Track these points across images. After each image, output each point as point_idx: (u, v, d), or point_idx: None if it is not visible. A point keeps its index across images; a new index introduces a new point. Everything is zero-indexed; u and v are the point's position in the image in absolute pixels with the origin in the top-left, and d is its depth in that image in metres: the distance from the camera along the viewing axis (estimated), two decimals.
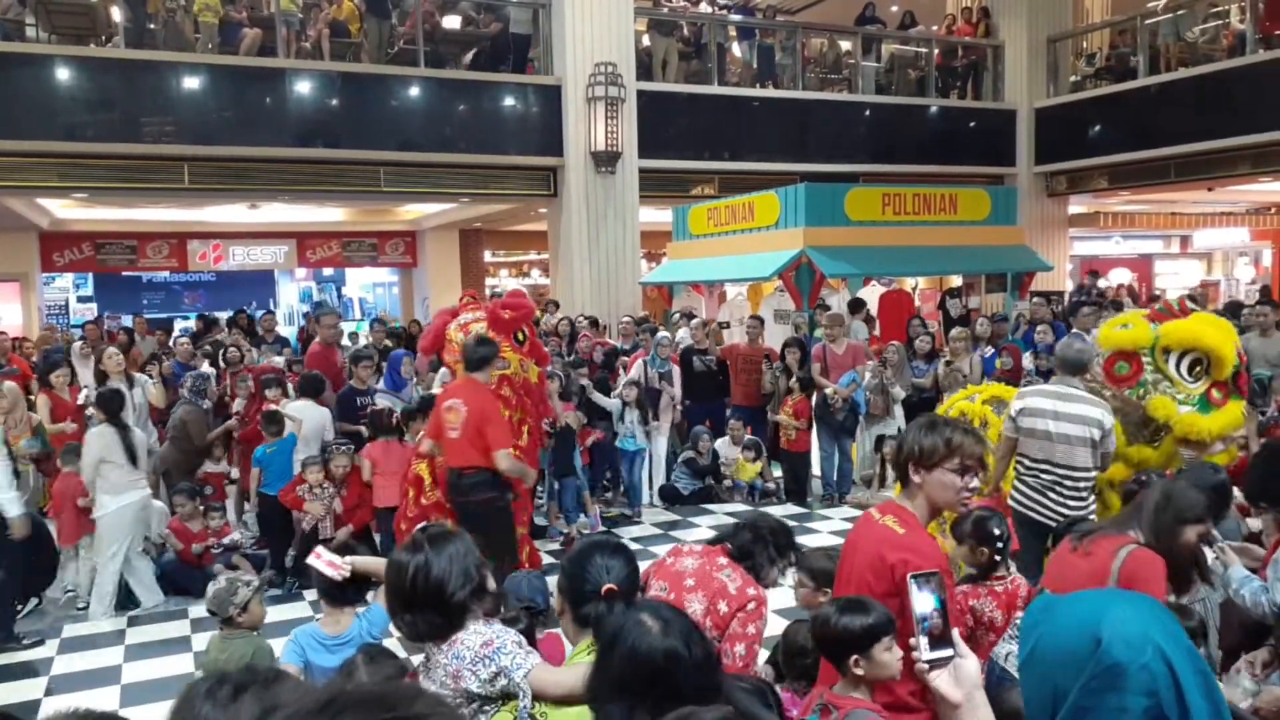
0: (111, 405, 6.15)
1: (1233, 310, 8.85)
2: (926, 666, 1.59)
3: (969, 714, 1.54)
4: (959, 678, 1.55)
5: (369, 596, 3.47)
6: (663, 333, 9.35)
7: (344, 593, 3.30)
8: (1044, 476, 4.57)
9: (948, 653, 1.58)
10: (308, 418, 7.10)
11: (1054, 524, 4.28)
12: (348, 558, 3.26)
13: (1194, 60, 13.16)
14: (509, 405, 5.96)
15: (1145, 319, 4.95)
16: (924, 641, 1.60)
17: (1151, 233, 20.59)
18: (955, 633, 1.62)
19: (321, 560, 3.37)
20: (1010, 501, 4.74)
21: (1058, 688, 1.33)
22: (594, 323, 10.22)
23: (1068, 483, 4.52)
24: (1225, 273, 21.63)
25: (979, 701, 1.54)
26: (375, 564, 3.34)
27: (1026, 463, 4.69)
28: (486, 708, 2.27)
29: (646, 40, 13.18)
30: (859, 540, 2.57)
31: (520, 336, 6.10)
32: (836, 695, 2.34)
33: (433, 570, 2.33)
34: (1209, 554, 3.72)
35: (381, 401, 7.53)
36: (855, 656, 2.27)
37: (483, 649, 2.27)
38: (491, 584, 2.47)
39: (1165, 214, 18.90)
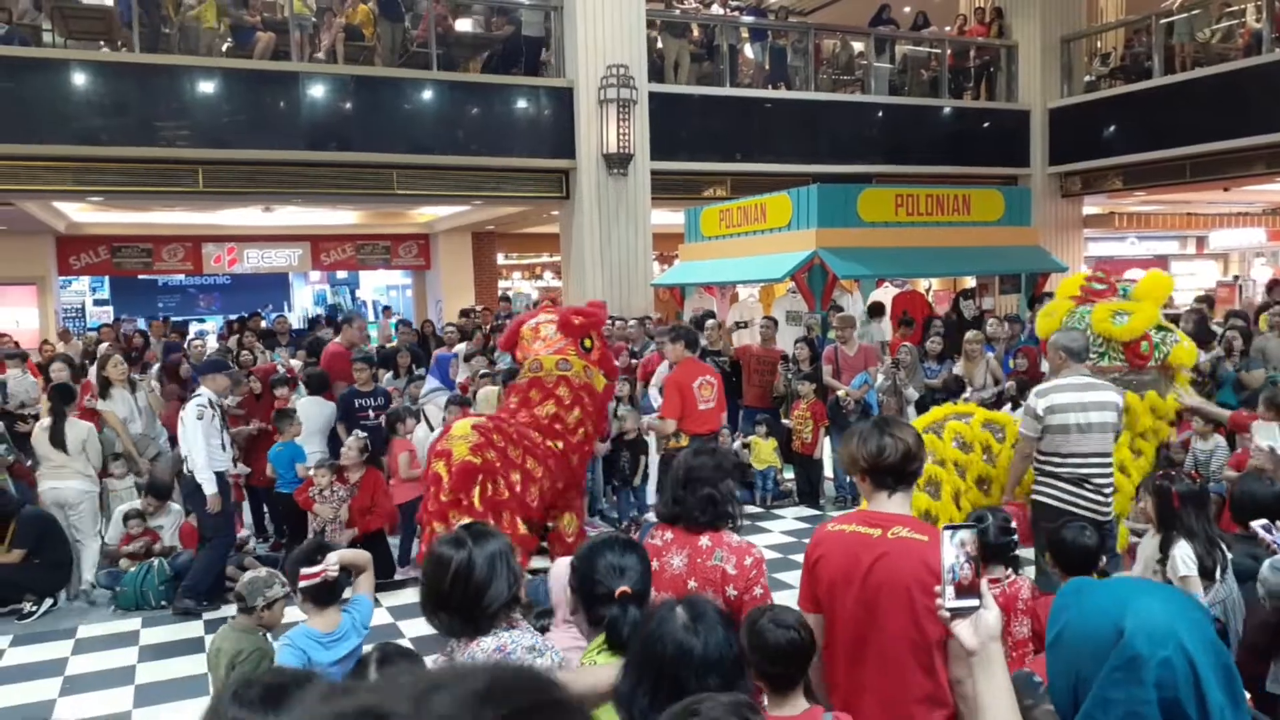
0: (58, 398, 6.71)
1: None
2: (948, 614, 1.64)
3: (983, 663, 1.59)
4: (978, 627, 1.60)
5: (347, 591, 3.50)
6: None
7: (327, 593, 3.34)
8: (1080, 469, 4.57)
9: (973, 602, 1.63)
10: (313, 414, 7.23)
11: (1095, 515, 4.39)
12: (331, 555, 3.30)
13: (1209, 60, 13.08)
14: (561, 405, 6.13)
15: (1078, 300, 5.30)
16: (950, 590, 1.65)
17: (1167, 233, 20.47)
18: (985, 584, 1.65)
19: (302, 583, 3.41)
20: (1039, 499, 4.70)
21: (1080, 673, 1.38)
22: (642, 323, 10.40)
23: (1100, 470, 4.56)
24: (1242, 273, 21.46)
25: (994, 653, 1.58)
26: (355, 556, 3.38)
27: (1056, 459, 4.65)
28: None
29: (658, 42, 13.18)
30: (875, 562, 2.45)
31: (587, 344, 6.24)
32: (778, 715, 2.35)
33: (475, 573, 2.31)
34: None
35: (440, 399, 7.74)
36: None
37: (494, 655, 2.29)
38: (524, 595, 2.48)
39: (1181, 214, 18.80)
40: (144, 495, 6.95)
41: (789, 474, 8.80)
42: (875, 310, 10.12)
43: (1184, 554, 3.62)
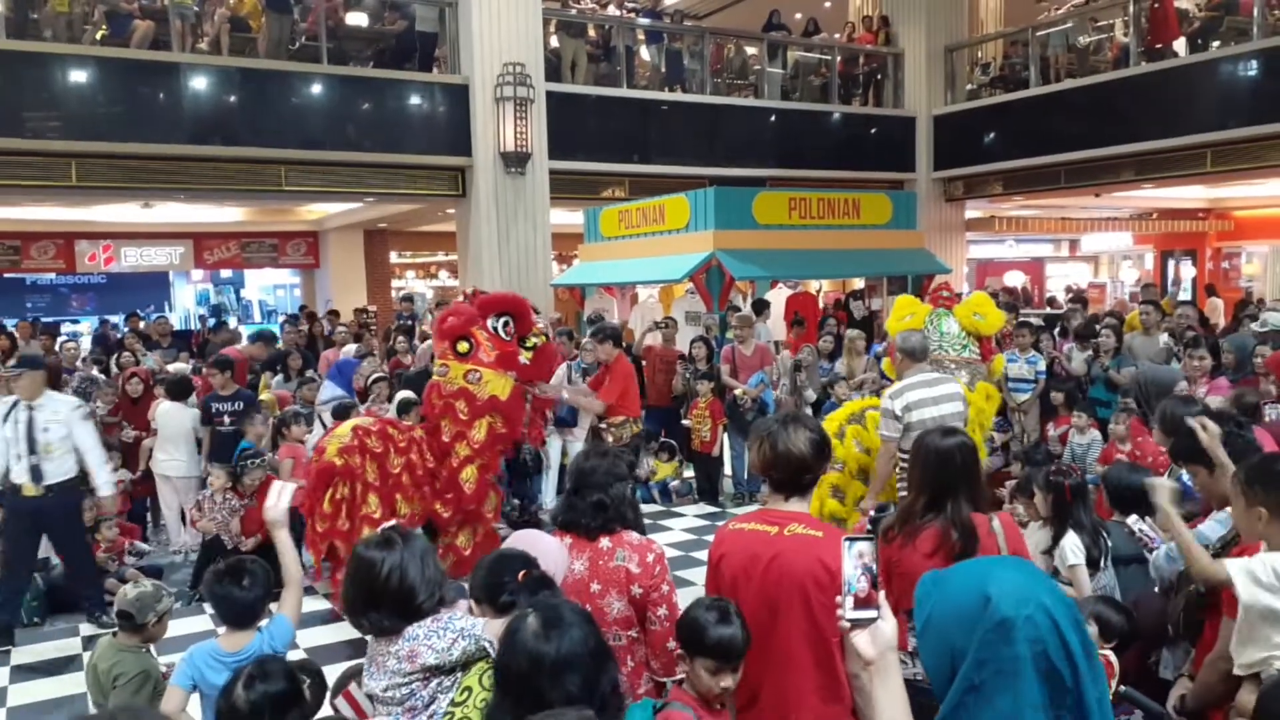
0: None
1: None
2: (848, 625, 1.64)
3: (880, 673, 1.62)
4: (875, 638, 1.62)
5: (271, 607, 3.35)
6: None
7: (244, 615, 3.16)
8: None
9: (871, 614, 1.64)
10: (173, 420, 7.03)
11: None
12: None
13: (1082, 71, 13.75)
14: (432, 415, 5.75)
15: (934, 304, 5.96)
16: (849, 601, 1.65)
17: (1043, 236, 21.40)
18: (882, 596, 1.66)
19: None
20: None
21: (954, 647, 1.45)
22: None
23: None
24: (1111, 275, 22.64)
25: (890, 662, 1.62)
26: (288, 563, 3.27)
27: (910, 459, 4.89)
28: (445, 683, 2.29)
29: (555, 41, 13.13)
30: (772, 559, 2.51)
31: (463, 347, 5.69)
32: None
33: (408, 574, 2.36)
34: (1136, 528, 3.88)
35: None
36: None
37: (434, 624, 2.34)
38: (449, 594, 2.53)
39: (1056, 219, 19.67)
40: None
41: (688, 472, 8.89)
42: (759, 307, 10.33)
43: (1073, 544, 3.79)
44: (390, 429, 5.78)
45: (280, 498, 3.14)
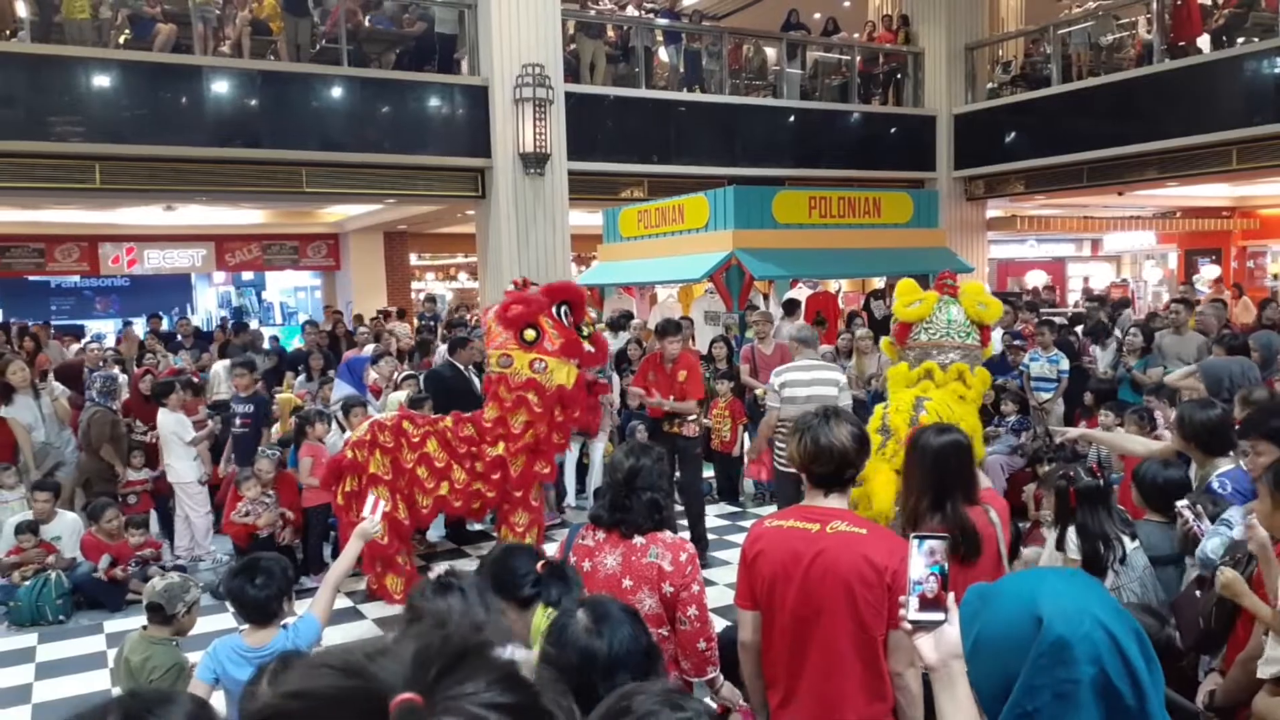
0: None
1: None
2: (910, 626, 1.59)
3: (944, 681, 1.53)
4: (939, 642, 1.54)
5: (298, 607, 3.35)
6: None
7: (258, 612, 3.16)
8: None
9: (938, 616, 1.57)
10: (163, 426, 7.08)
11: None
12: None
13: (1104, 69, 13.62)
14: (502, 407, 5.82)
15: (939, 291, 6.13)
16: (914, 601, 1.59)
17: (1065, 236, 21.21)
18: (951, 598, 1.60)
19: None
20: (777, 464, 6.09)
21: (1008, 671, 1.35)
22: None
23: None
24: (1134, 275, 22.43)
25: (956, 671, 1.52)
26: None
27: (790, 427, 5.35)
28: None
29: (573, 43, 13.13)
30: (815, 557, 2.46)
31: (529, 335, 5.77)
32: None
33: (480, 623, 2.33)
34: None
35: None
36: None
37: None
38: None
39: (1078, 218, 19.49)
40: (29, 492, 6.58)
41: (708, 471, 8.85)
42: (790, 307, 10.28)
43: (1071, 539, 3.80)
44: (406, 423, 5.85)
45: (374, 512, 3.27)
